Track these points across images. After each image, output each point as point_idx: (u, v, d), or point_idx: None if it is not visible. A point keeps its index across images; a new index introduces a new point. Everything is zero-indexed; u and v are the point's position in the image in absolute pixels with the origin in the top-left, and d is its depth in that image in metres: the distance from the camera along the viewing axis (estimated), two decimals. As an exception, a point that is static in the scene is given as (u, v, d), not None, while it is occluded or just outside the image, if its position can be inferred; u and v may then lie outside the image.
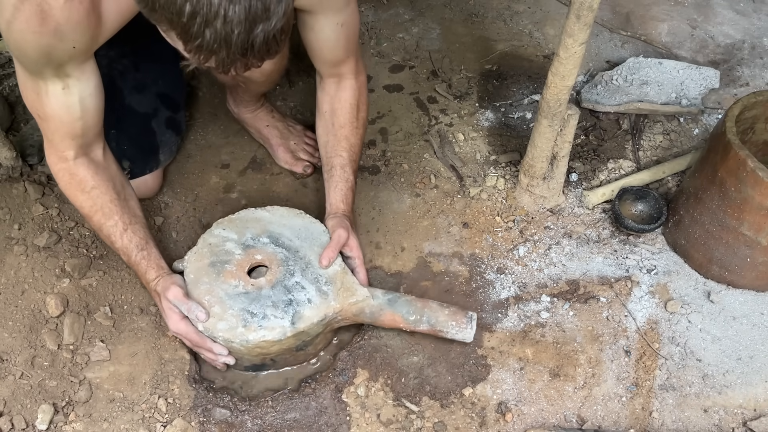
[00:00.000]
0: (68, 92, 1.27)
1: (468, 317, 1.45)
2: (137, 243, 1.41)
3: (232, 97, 1.83)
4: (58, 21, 1.13)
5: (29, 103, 1.31)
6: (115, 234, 1.40)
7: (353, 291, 1.43)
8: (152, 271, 1.41)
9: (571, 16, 1.35)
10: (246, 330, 1.37)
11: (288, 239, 1.50)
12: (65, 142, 1.34)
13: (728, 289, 1.62)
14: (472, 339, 1.46)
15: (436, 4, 2.29)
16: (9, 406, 1.38)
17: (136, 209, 1.46)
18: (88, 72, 1.28)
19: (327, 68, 1.54)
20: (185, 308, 1.36)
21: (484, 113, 1.98)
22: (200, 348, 1.40)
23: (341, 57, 1.51)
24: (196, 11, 0.94)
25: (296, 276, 1.44)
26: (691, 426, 1.43)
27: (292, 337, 1.38)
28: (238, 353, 1.40)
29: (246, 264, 1.46)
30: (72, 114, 1.30)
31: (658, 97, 1.97)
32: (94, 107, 1.33)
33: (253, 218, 1.54)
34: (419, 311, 1.45)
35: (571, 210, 1.77)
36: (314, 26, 1.43)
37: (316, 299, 1.41)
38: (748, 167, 1.41)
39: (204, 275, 1.43)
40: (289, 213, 1.56)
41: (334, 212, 1.53)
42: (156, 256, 1.43)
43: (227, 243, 1.49)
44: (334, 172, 1.56)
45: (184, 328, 1.37)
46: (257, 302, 1.40)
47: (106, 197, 1.39)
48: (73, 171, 1.37)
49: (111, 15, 1.21)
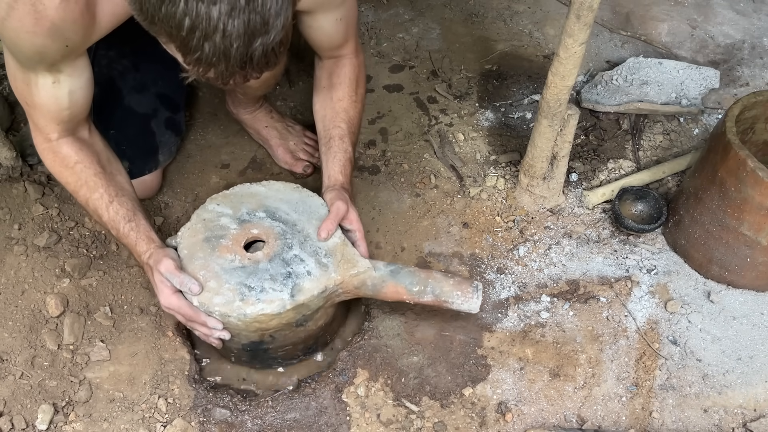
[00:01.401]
0: (58, 86, 1.27)
1: (474, 287, 1.41)
2: (124, 214, 1.36)
3: (231, 99, 1.83)
4: (53, 21, 1.13)
5: (17, 91, 1.30)
6: (101, 206, 1.36)
7: (354, 263, 1.38)
8: (142, 243, 1.36)
9: (571, 16, 1.35)
10: (243, 303, 1.31)
11: (285, 213, 1.44)
12: (50, 126, 1.33)
13: (728, 289, 1.62)
14: (478, 309, 1.41)
15: (436, 4, 2.29)
16: (9, 406, 1.38)
17: (123, 183, 1.42)
18: (79, 68, 1.28)
19: (326, 52, 1.53)
20: (177, 281, 1.30)
21: (484, 113, 1.98)
22: (193, 323, 1.34)
23: (341, 42, 1.50)
24: (195, 25, 0.95)
25: (294, 249, 1.38)
26: (691, 426, 1.43)
27: (291, 310, 1.32)
28: (236, 329, 1.34)
29: (242, 238, 1.40)
30: (60, 105, 1.29)
31: (658, 97, 1.97)
32: (83, 98, 1.32)
33: (249, 193, 1.48)
34: (423, 282, 1.40)
35: (571, 210, 1.77)
36: (313, 24, 1.43)
37: (316, 271, 1.36)
38: (748, 167, 1.41)
39: (198, 250, 1.37)
40: (286, 187, 1.50)
41: (332, 184, 1.47)
42: (145, 227, 1.37)
43: (222, 218, 1.43)
44: (332, 143, 1.50)
45: (176, 302, 1.31)
46: (255, 276, 1.34)
47: (90, 171, 1.36)
48: (56, 149, 1.36)
49: (105, 15, 1.21)
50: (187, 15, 0.94)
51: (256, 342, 1.39)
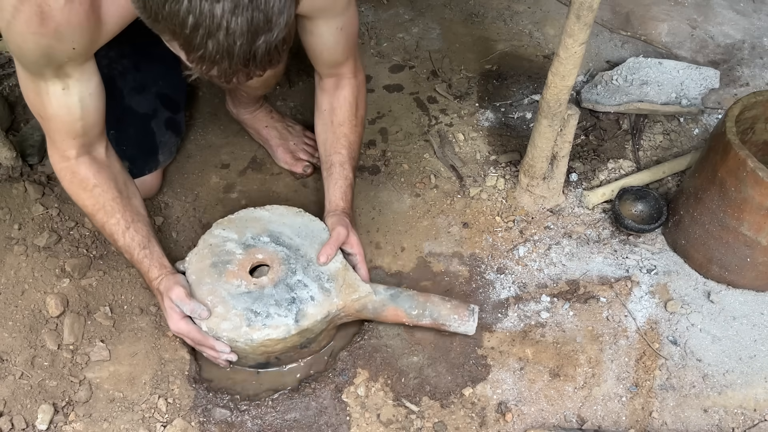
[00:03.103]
0: (68, 93, 1.27)
1: (470, 310, 1.47)
2: (139, 241, 1.41)
3: (231, 99, 1.83)
4: (58, 22, 1.14)
5: (30, 103, 1.31)
6: (117, 232, 1.40)
7: (355, 287, 1.44)
8: (155, 269, 1.41)
9: (571, 16, 1.36)
10: (250, 329, 1.37)
11: (288, 238, 1.50)
12: (67, 141, 1.34)
13: (728, 289, 1.62)
14: (474, 331, 1.47)
15: (436, 4, 2.29)
16: (9, 406, 1.38)
17: (139, 207, 1.46)
18: (88, 72, 1.28)
19: (326, 69, 1.55)
20: (188, 309, 1.36)
21: (484, 113, 1.98)
22: (202, 346, 1.40)
23: (341, 59, 1.52)
24: (199, 23, 0.95)
25: (298, 274, 1.44)
26: (691, 426, 1.43)
27: (296, 335, 1.39)
28: (243, 353, 1.40)
29: (247, 263, 1.46)
30: (72, 114, 1.30)
31: (658, 97, 1.97)
32: (95, 107, 1.33)
33: (253, 217, 1.54)
34: (421, 305, 1.46)
35: (571, 210, 1.77)
36: (314, 31, 1.44)
37: (319, 297, 1.42)
38: (748, 167, 1.41)
39: (206, 276, 1.43)
40: (289, 211, 1.56)
41: (333, 210, 1.53)
42: (158, 254, 1.43)
43: (228, 243, 1.49)
44: (333, 170, 1.56)
45: (185, 327, 1.37)
46: (260, 301, 1.40)
47: (108, 195, 1.39)
48: (74, 170, 1.38)
49: (111, 17, 1.21)
50: (191, 13, 0.94)
51: (262, 363, 1.46)
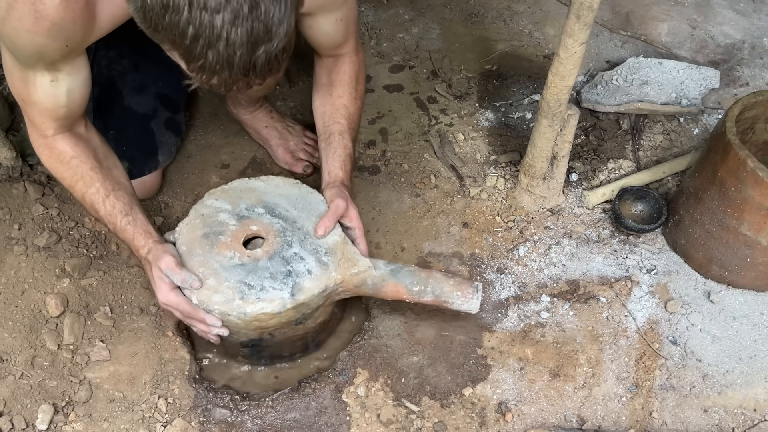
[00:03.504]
0: (56, 84, 1.26)
1: (474, 287, 1.41)
2: (121, 208, 1.35)
3: (231, 99, 1.83)
4: (53, 20, 1.13)
5: (14, 88, 1.30)
6: (98, 201, 1.36)
7: (354, 261, 1.38)
8: (140, 237, 1.35)
9: (571, 16, 1.35)
10: (243, 302, 1.30)
11: (284, 209, 1.43)
12: (47, 122, 1.33)
13: (728, 289, 1.62)
14: (478, 309, 1.42)
15: (436, 4, 2.29)
16: (9, 406, 1.38)
17: (120, 178, 1.41)
18: (78, 66, 1.28)
19: (326, 51, 1.53)
20: (179, 278, 1.30)
21: (484, 113, 1.98)
22: (192, 319, 1.34)
23: (341, 41, 1.50)
24: (199, 33, 0.95)
25: (294, 247, 1.38)
26: (691, 426, 1.43)
27: (291, 309, 1.32)
28: (235, 327, 1.33)
29: (241, 235, 1.39)
30: (57, 103, 1.29)
31: (658, 97, 1.97)
32: (81, 96, 1.32)
33: (247, 188, 1.47)
34: (423, 281, 1.40)
35: (571, 210, 1.77)
36: (314, 25, 1.43)
37: (316, 270, 1.35)
38: (748, 167, 1.41)
39: (197, 247, 1.36)
40: (285, 182, 1.49)
41: (332, 181, 1.46)
42: (143, 221, 1.37)
43: (220, 214, 1.42)
44: (332, 140, 1.49)
45: (175, 298, 1.31)
46: (254, 274, 1.34)
47: (86, 165, 1.36)
48: (52, 145, 1.35)
49: (105, 16, 1.21)
50: (191, 24, 0.94)
51: (255, 339, 1.39)
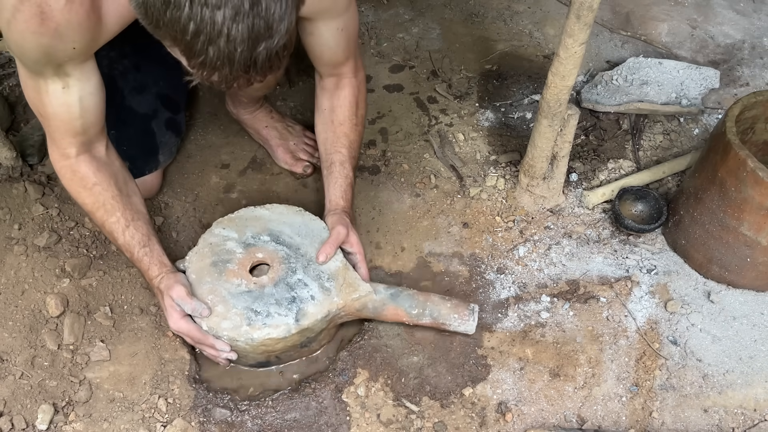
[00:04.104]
0: (68, 92, 1.27)
1: (470, 309, 1.47)
2: (139, 240, 1.41)
3: (231, 99, 1.83)
4: (58, 22, 1.14)
5: (30, 101, 1.31)
6: (117, 231, 1.40)
7: (356, 287, 1.44)
8: (155, 267, 1.41)
9: (571, 16, 1.36)
10: (250, 328, 1.37)
11: (288, 237, 1.50)
12: (66, 139, 1.34)
13: (728, 289, 1.62)
14: (474, 331, 1.47)
15: (436, 4, 2.29)
16: (9, 406, 1.38)
17: (139, 205, 1.46)
18: (88, 71, 1.28)
19: (327, 69, 1.55)
20: (189, 308, 1.36)
21: (484, 113, 1.98)
22: (202, 345, 1.40)
23: (341, 59, 1.52)
24: (200, 30, 0.95)
25: (298, 273, 1.45)
26: (691, 426, 1.43)
27: (296, 334, 1.39)
28: (243, 352, 1.40)
29: (248, 262, 1.46)
30: (72, 113, 1.30)
31: (658, 97, 1.97)
32: (94, 106, 1.33)
33: (253, 216, 1.54)
34: (422, 305, 1.46)
35: (571, 210, 1.77)
36: (314, 32, 1.44)
37: (319, 296, 1.42)
38: (748, 167, 1.41)
39: (206, 275, 1.44)
40: (289, 210, 1.56)
41: (333, 209, 1.53)
42: (158, 252, 1.43)
43: (228, 242, 1.49)
44: (333, 169, 1.56)
45: (185, 326, 1.37)
46: (260, 300, 1.41)
47: (108, 194, 1.39)
48: (75, 168, 1.38)
49: (112, 17, 1.21)
50: (192, 19, 0.95)
51: (263, 362, 1.46)
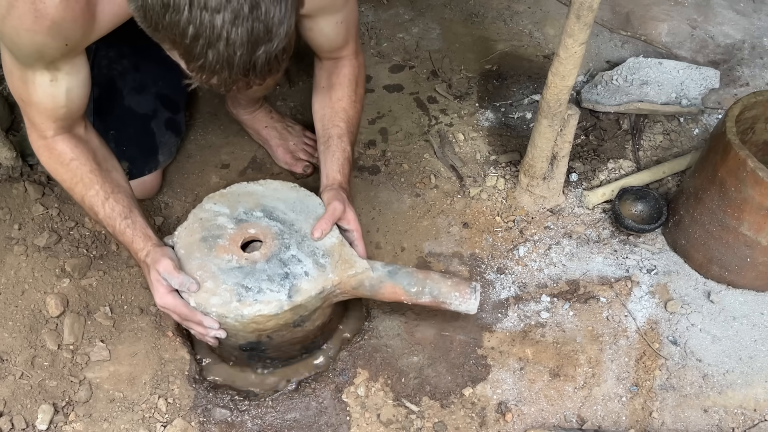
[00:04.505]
0: (56, 84, 1.26)
1: (472, 288, 1.41)
2: (120, 211, 1.36)
3: (231, 99, 1.83)
4: (52, 19, 1.13)
5: (13, 88, 1.30)
6: (97, 204, 1.36)
7: (352, 263, 1.38)
8: (139, 240, 1.35)
9: (571, 16, 1.35)
10: (241, 304, 1.30)
11: (282, 212, 1.44)
12: (46, 123, 1.33)
13: (728, 289, 1.62)
14: (476, 310, 1.41)
15: (436, 4, 2.29)
16: (9, 406, 1.38)
17: (119, 180, 1.41)
18: (78, 65, 1.28)
19: (326, 54, 1.53)
20: (177, 282, 1.30)
21: (484, 113, 1.98)
22: (189, 322, 1.34)
23: (341, 44, 1.50)
24: (199, 33, 0.95)
25: (292, 249, 1.38)
26: (691, 426, 1.43)
27: (289, 311, 1.32)
28: (233, 329, 1.33)
29: (239, 238, 1.39)
30: (56, 102, 1.29)
31: (658, 97, 1.97)
32: (80, 96, 1.32)
33: (246, 192, 1.47)
34: (421, 282, 1.40)
35: (571, 210, 1.77)
36: (314, 27, 1.43)
37: (314, 272, 1.35)
38: (748, 167, 1.41)
39: (195, 250, 1.37)
40: (283, 186, 1.49)
41: (330, 184, 1.46)
42: (142, 224, 1.37)
43: (219, 217, 1.43)
44: (330, 143, 1.50)
45: (172, 301, 1.31)
46: (252, 276, 1.34)
47: (86, 168, 1.36)
48: (51, 146, 1.35)
49: (106, 15, 1.21)
50: (191, 23, 0.94)
51: (253, 342, 1.39)
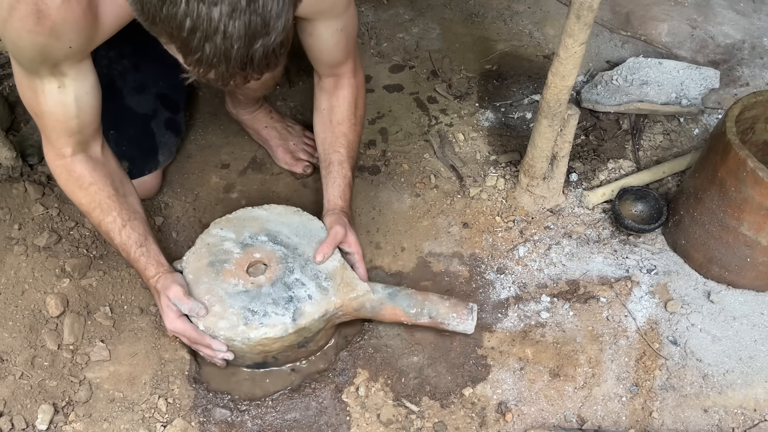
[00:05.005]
0: (64, 91, 1.27)
1: (469, 309, 1.46)
2: (136, 239, 1.41)
3: (231, 99, 1.83)
4: (54, 20, 1.14)
5: (26, 100, 1.31)
6: (114, 230, 1.40)
7: (353, 286, 1.44)
8: (152, 267, 1.41)
9: (571, 16, 1.36)
10: (247, 328, 1.37)
11: (286, 237, 1.50)
12: (62, 139, 1.34)
13: (728, 289, 1.62)
14: (473, 330, 1.47)
15: (436, 4, 2.29)
16: (9, 406, 1.38)
17: (135, 205, 1.46)
18: (84, 71, 1.28)
19: (326, 69, 1.55)
20: (186, 308, 1.36)
21: (484, 113, 1.98)
22: (198, 345, 1.40)
23: (340, 59, 1.52)
24: (196, 26, 0.95)
25: (296, 273, 1.45)
26: (691, 426, 1.43)
27: (293, 333, 1.39)
28: (240, 352, 1.40)
29: (245, 262, 1.46)
30: (67, 112, 1.30)
31: (658, 97, 1.97)
32: (90, 105, 1.33)
33: (251, 217, 1.54)
34: (420, 304, 1.46)
35: (571, 210, 1.77)
36: (313, 32, 1.44)
37: (317, 295, 1.42)
38: (748, 167, 1.41)
39: (203, 275, 1.44)
40: (287, 211, 1.56)
41: (331, 209, 1.53)
42: (155, 252, 1.43)
43: (225, 242, 1.49)
44: (331, 168, 1.56)
45: (181, 326, 1.37)
46: (257, 300, 1.41)
47: (104, 193, 1.39)
48: (70, 168, 1.37)
49: (109, 17, 1.21)
50: (188, 16, 0.94)
51: (260, 362, 1.46)
